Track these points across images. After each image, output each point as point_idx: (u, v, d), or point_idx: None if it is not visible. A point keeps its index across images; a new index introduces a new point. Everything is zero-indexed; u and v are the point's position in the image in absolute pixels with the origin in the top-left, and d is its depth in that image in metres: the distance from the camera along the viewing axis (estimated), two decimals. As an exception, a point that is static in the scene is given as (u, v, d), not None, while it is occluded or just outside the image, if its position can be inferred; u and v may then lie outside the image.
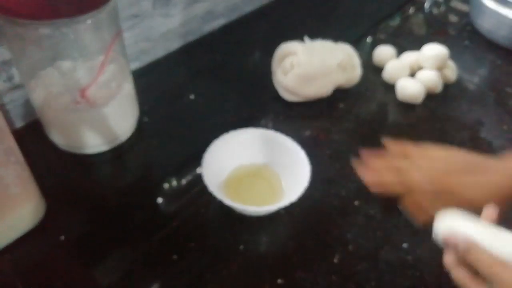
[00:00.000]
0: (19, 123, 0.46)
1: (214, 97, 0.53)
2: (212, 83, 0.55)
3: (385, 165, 0.38)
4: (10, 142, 0.32)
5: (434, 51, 0.54)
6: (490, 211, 0.30)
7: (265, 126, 0.48)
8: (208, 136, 0.40)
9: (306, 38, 0.51)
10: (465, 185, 0.35)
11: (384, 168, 0.38)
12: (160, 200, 0.41)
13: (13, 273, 0.34)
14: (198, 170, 0.41)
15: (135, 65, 0.56)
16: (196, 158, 0.39)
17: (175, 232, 0.37)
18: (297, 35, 0.52)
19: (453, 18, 0.74)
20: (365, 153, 0.40)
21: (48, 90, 0.40)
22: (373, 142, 0.48)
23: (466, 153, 0.37)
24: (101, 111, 0.41)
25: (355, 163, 0.40)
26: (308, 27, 0.67)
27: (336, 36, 0.56)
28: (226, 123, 0.48)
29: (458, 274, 0.28)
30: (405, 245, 0.37)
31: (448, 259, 0.29)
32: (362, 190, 0.42)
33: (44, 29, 0.34)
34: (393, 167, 0.38)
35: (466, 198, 0.34)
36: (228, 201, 0.35)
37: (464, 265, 0.28)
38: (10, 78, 0.43)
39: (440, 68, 0.55)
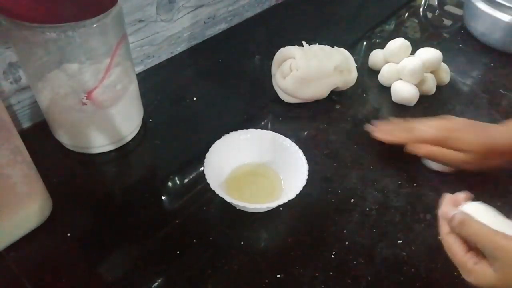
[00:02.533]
0: (26, 124, 0.47)
1: (216, 99, 0.54)
2: (214, 86, 0.56)
3: (395, 126, 0.45)
4: (17, 142, 0.33)
5: (428, 54, 0.56)
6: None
7: (265, 127, 0.49)
8: (210, 136, 0.41)
9: (304, 43, 0.52)
10: (467, 132, 0.40)
11: (394, 127, 0.45)
12: (163, 198, 0.42)
13: (20, 270, 0.34)
14: (200, 169, 0.42)
15: (140, 68, 0.57)
16: (198, 158, 0.40)
17: (178, 229, 0.38)
18: (296, 40, 0.53)
19: (447, 21, 0.75)
20: (377, 122, 0.46)
21: (54, 91, 0.41)
22: (369, 142, 0.49)
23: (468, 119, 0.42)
24: (106, 112, 0.42)
25: (368, 128, 0.46)
26: (306, 32, 0.68)
27: (333, 40, 0.57)
28: (227, 123, 0.49)
29: (449, 241, 0.28)
30: (400, 241, 0.38)
31: (443, 230, 0.29)
32: (357, 188, 0.43)
33: (51, 33, 0.34)
34: (402, 126, 0.44)
35: (465, 141, 0.39)
36: (229, 198, 0.36)
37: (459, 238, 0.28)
38: (17, 80, 0.44)
39: (434, 71, 0.56)
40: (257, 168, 0.42)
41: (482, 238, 0.26)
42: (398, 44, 0.56)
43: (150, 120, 0.50)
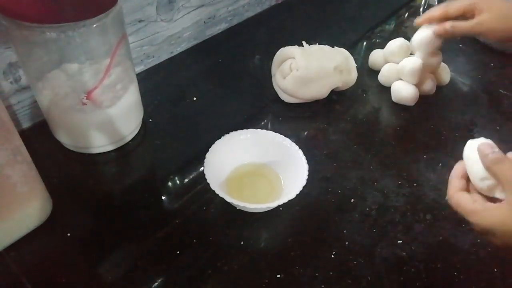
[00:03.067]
0: (26, 124, 0.47)
1: (216, 99, 0.54)
2: (214, 86, 0.56)
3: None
4: (17, 142, 0.33)
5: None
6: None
7: (265, 127, 0.49)
8: (210, 136, 0.41)
9: (304, 43, 0.52)
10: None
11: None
12: (163, 198, 0.42)
13: (20, 270, 0.34)
14: (200, 169, 0.42)
15: (140, 68, 0.57)
16: (199, 158, 0.40)
17: (178, 229, 0.38)
18: (295, 40, 0.53)
19: (447, 22, 0.75)
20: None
21: (54, 91, 0.41)
22: (369, 142, 0.49)
23: None
24: (106, 112, 0.42)
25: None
26: (306, 32, 0.68)
27: (333, 40, 0.58)
28: (227, 123, 0.49)
29: (459, 197, 0.30)
30: (400, 241, 0.38)
31: (451, 189, 0.31)
32: (357, 188, 0.43)
33: (51, 33, 0.34)
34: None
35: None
36: (229, 198, 0.36)
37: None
38: (17, 80, 0.44)
39: (434, 71, 0.56)
40: (257, 168, 0.42)
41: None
42: (398, 44, 0.56)
43: (150, 120, 0.50)
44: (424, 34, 0.50)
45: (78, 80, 0.41)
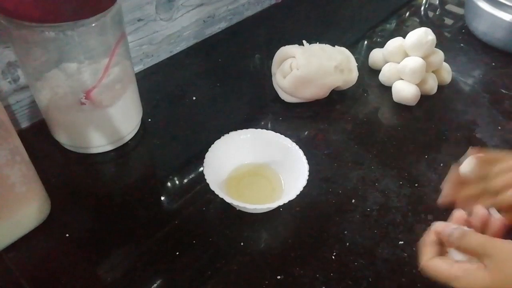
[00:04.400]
0: (24, 124, 0.47)
1: (216, 98, 0.53)
2: (214, 85, 0.55)
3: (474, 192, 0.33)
4: (16, 142, 0.32)
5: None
6: (460, 213, 0.31)
7: (265, 127, 0.49)
8: (210, 136, 0.41)
9: (304, 42, 0.52)
10: None
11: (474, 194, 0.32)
12: (163, 198, 0.41)
13: (18, 270, 0.34)
14: (200, 169, 0.42)
15: (139, 67, 0.56)
16: (198, 158, 0.40)
17: (177, 230, 0.38)
18: (296, 39, 0.53)
19: (448, 21, 0.75)
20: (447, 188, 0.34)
21: (53, 91, 0.41)
22: (370, 142, 0.49)
23: None
24: (105, 112, 0.41)
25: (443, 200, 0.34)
26: (306, 31, 0.68)
27: (334, 39, 0.57)
28: (227, 123, 0.49)
29: (436, 263, 0.29)
30: (401, 242, 0.38)
31: (425, 257, 0.30)
32: (358, 188, 0.43)
33: (50, 32, 0.34)
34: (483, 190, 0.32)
35: None
36: (229, 199, 0.36)
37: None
38: (15, 80, 0.44)
39: (435, 71, 0.56)
40: (257, 168, 0.42)
41: (482, 244, 0.27)
42: (397, 44, 0.55)
43: (149, 119, 0.49)
44: (415, 38, 0.51)
45: (77, 80, 0.40)
